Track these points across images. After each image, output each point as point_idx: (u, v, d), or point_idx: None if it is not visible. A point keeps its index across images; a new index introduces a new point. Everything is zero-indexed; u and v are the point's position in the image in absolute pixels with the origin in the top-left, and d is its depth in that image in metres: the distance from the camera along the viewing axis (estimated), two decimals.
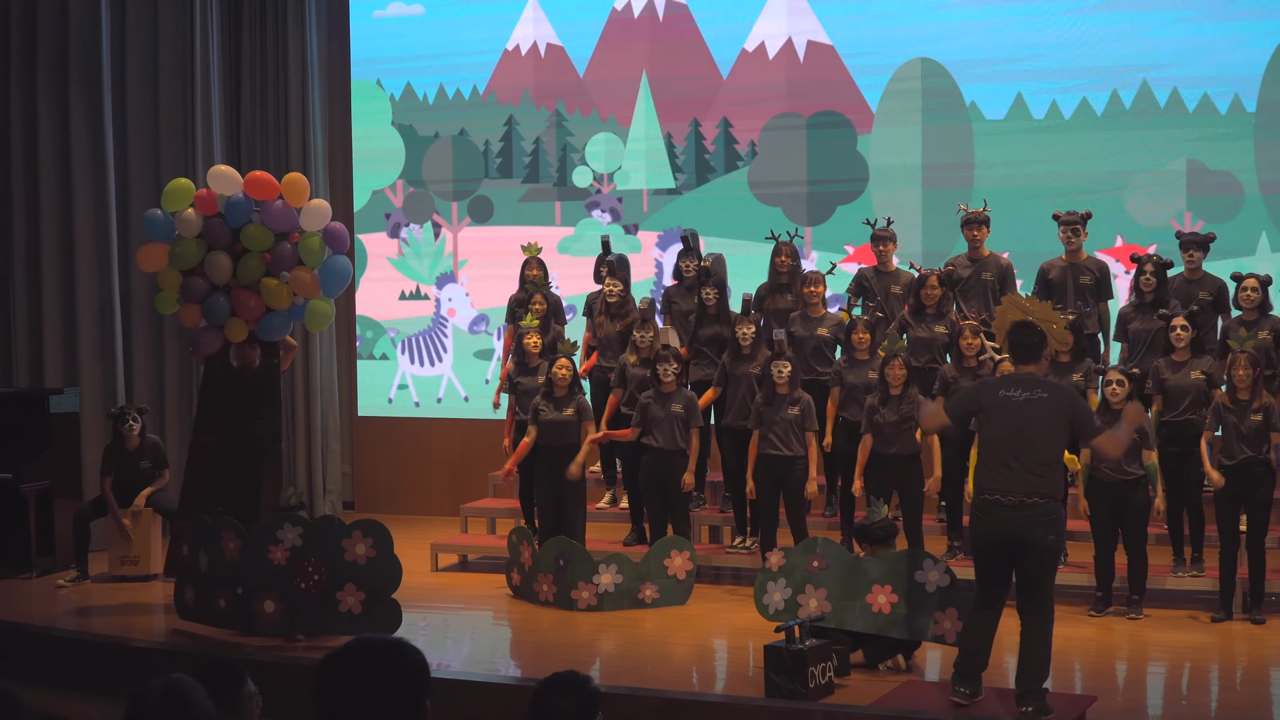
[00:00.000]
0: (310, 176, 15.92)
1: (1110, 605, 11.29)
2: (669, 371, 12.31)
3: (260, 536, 10.70)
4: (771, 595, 10.48)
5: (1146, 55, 14.11)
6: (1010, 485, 8.62)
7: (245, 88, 16.24)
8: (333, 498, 16.33)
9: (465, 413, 16.24)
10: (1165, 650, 10.51)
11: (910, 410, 11.61)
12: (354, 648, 4.37)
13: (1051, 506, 8.60)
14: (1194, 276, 12.38)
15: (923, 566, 9.95)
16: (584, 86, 15.85)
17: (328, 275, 12.06)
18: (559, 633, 11.27)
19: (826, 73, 15.10)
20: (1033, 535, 8.57)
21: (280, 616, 10.67)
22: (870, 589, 10.03)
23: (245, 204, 11.94)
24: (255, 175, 12.06)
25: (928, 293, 12.59)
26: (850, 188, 15.01)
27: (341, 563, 10.59)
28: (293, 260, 11.97)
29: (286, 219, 11.94)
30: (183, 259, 11.98)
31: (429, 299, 16.38)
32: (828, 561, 10.29)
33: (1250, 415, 10.98)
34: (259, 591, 10.68)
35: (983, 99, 14.64)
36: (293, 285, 11.97)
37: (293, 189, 11.99)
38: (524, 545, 12.21)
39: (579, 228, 15.81)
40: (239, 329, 12.05)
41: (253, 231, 11.91)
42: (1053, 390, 8.77)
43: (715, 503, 13.46)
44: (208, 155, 15.22)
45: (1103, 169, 14.24)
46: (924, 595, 9.88)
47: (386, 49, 16.50)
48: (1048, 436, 8.67)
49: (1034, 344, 8.84)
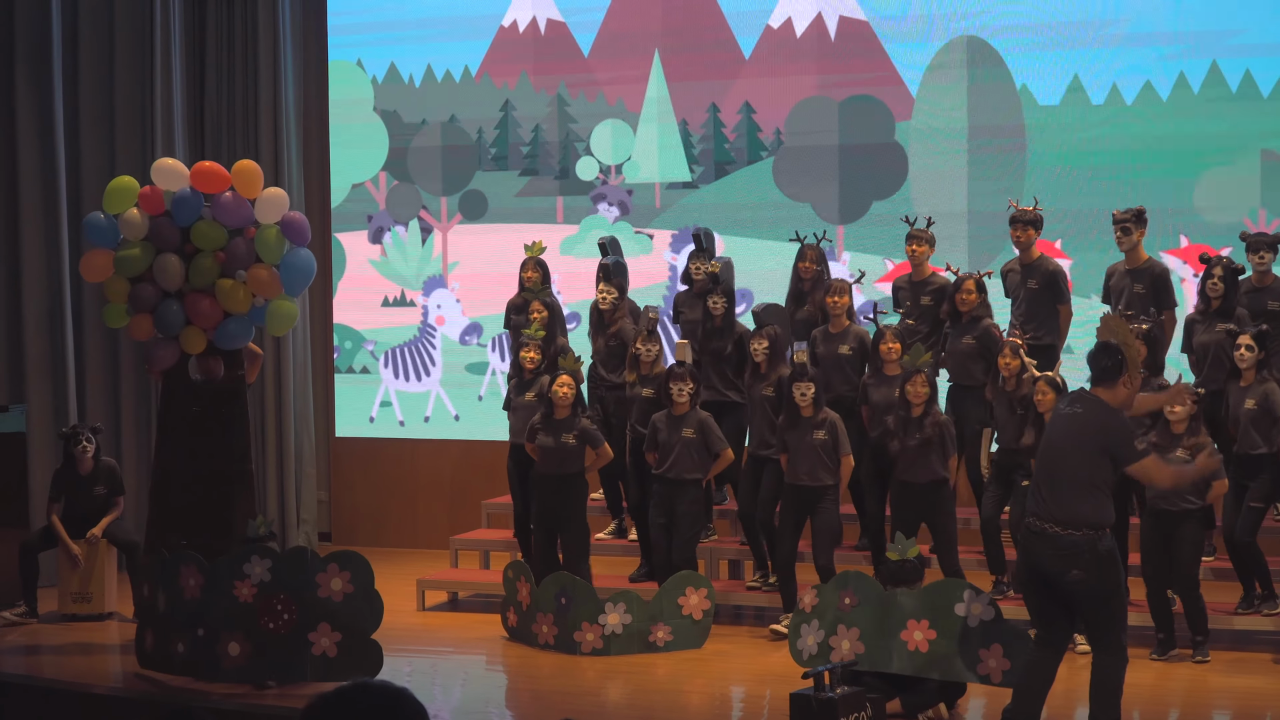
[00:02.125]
0: (282, 167, 16.13)
1: (1174, 648, 11.51)
2: (683, 391, 12.47)
3: (224, 571, 10.80)
4: (805, 639, 10.67)
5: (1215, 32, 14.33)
6: (1038, 508, 8.92)
7: (210, 71, 16.44)
8: (307, 528, 16.45)
9: (456, 433, 16.45)
10: (1230, 697, 10.77)
11: (934, 433, 11.82)
12: (346, 693, 4.39)
13: (1072, 538, 8.78)
14: (1263, 283, 12.45)
15: (963, 598, 10.10)
16: (589, 68, 16.06)
17: (289, 271, 12.15)
18: (560, 679, 11.46)
19: (861, 52, 15.31)
20: (1055, 568, 8.82)
21: (246, 660, 10.78)
22: (905, 625, 10.21)
23: (193, 199, 12.08)
24: (202, 166, 12.24)
25: (963, 298, 12.70)
26: (887, 182, 15.25)
27: (315, 600, 10.71)
28: (249, 257, 12.11)
29: (240, 212, 12.09)
30: (129, 265, 12.15)
31: (415, 306, 16.59)
32: (859, 598, 10.47)
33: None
34: (222, 632, 10.79)
35: (1035, 81, 14.87)
36: (251, 285, 12.10)
37: (244, 178, 12.12)
38: (521, 582, 12.39)
39: (583, 226, 16.02)
40: (196, 339, 12.20)
41: (203, 229, 12.07)
42: (1089, 406, 8.98)
43: (736, 535, 13.65)
44: (168, 147, 15.40)
45: (1167, 160, 14.46)
46: (966, 630, 10.04)
47: (368, 26, 16.70)
48: (1076, 456, 8.88)
49: (1108, 367, 9.00)
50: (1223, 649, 11.62)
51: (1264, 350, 11.71)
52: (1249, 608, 11.90)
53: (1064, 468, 8.87)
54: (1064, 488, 8.84)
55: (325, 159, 16.83)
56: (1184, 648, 11.50)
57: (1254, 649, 11.75)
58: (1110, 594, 8.96)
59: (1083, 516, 8.82)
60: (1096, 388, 9.04)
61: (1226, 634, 11.81)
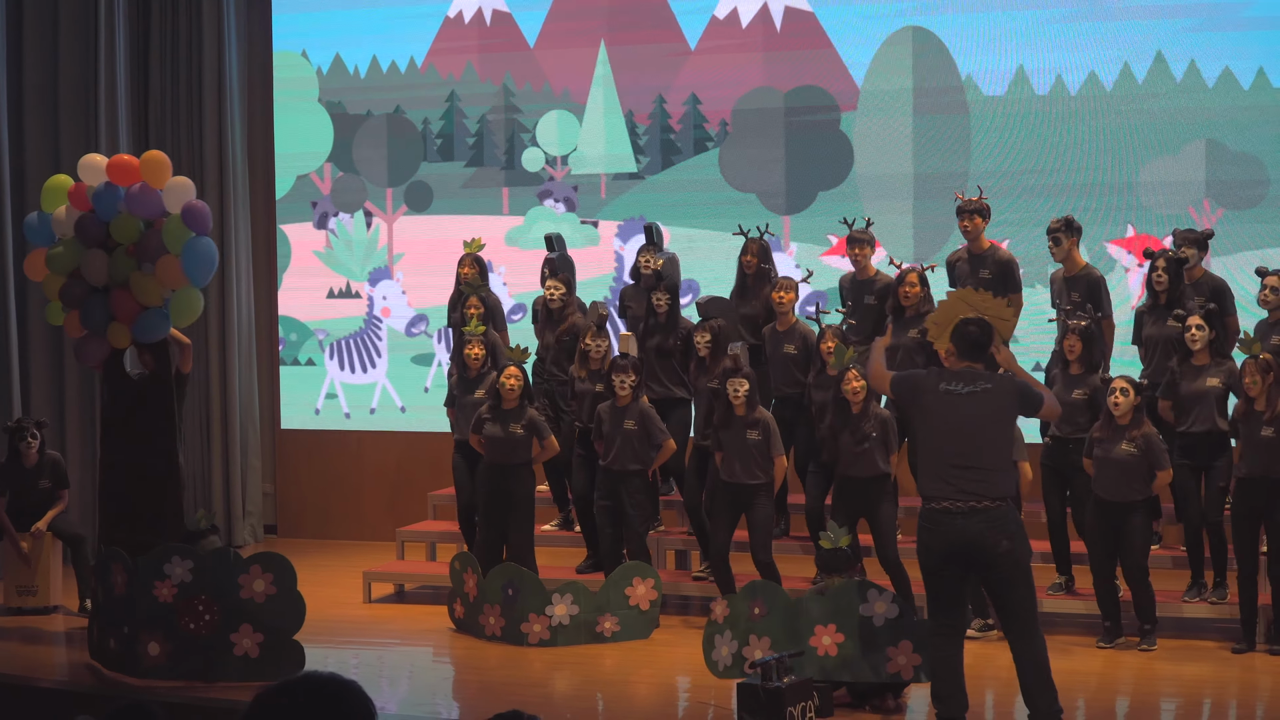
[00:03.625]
0: (227, 160, 16.08)
1: (1120, 636, 11.54)
2: (625, 383, 12.46)
3: (146, 570, 10.80)
4: (720, 650, 10.73)
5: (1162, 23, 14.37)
6: (957, 490, 8.88)
7: (154, 63, 16.33)
8: (252, 521, 16.43)
9: (402, 425, 16.41)
10: (1178, 685, 10.79)
11: (873, 429, 11.81)
12: (294, 686, 4.42)
13: (1003, 510, 8.87)
14: (1191, 279, 12.48)
15: (867, 599, 10.21)
16: (534, 58, 16.02)
17: (191, 260, 12.08)
18: (507, 670, 11.44)
19: (807, 43, 15.31)
20: (985, 542, 8.82)
21: (166, 660, 10.79)
22: (813, 631, 10.28)
23: (110, 192, 12.07)
24: (117, 159, 12.22)
25: (906, 292, 12.64)
26: (833, 172, 15.24)
27: (237, 601, 10.73)
28: (158, 249, 12.09)
29: (151, 203, 12.06)
30: (59, 262, 12.15)
31: (361, 297, 16.54)
32: (767, 607, 10.56)
33: (1263, 428, 11.23)
34: (142, 632, 10.80)
35: (980, 73, 14.89)
36: (158, 276, 12.08)
37: (152, 168, 12.09)
38: (468, 573, 12.36)
39: (529, 217, 15.99)
40: (121, 334, 12.18)
41: (121, 222, 12.07)
42: (995, 380, 9.07)
43: (682, 525, 13.64)
44: (111, 138, 15.34)
45: (1113, 151, 14.49)
46: (872, 630, 10.13)
47: (313, 16, 16.62)
48: (995, 432, 8.97)
49: (979, 339, 9.10)
50: (1169, 636, 11.64)
51: (1214, 330, 11.77)
52: (1196, 595, 11.93)
53: (985, 444, 8.93)
54: (988, 464, 8.90)
55: (270, 150, 16.76)
56: (1130, 635, 11.52)
57: (1200, 636, 11.77)
58: (1028, 566, 9.05)
59: (1005, 488, 8.96)
60: (971, 362, 9.10)
61: (1173, 621, 11.83)
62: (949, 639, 9.14)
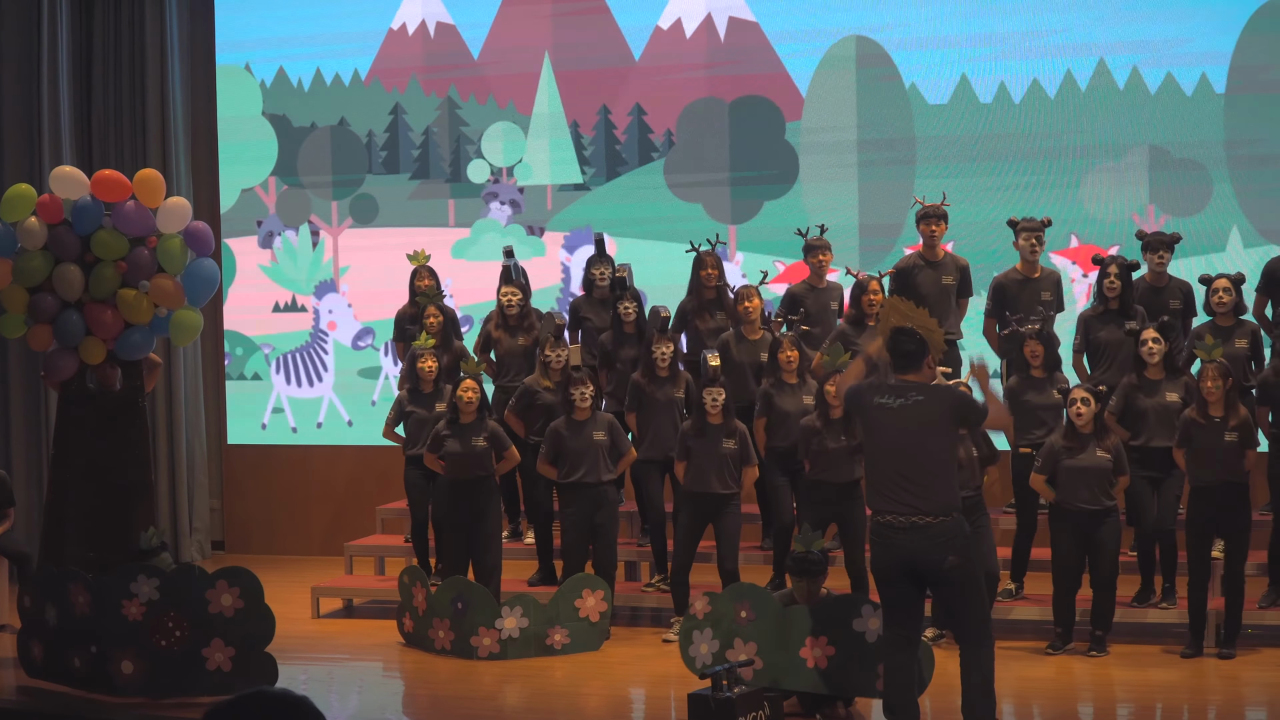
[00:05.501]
0: (171, 173, 15.95)
1: (1070, 642, 11.53)
2: (585, 396, 12.37)
3: (111, 590, 10.74)
4: (699, 647, 10.60)
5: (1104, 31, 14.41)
6: (898, 505, 8.82)
7: (98, 77, 16.23)
8: (199, 537, 16.33)
9: (349, 439, 16.32)
10: (1131, 690, 10.80)
11: (853, 435, 11.72)
12: (243, 702, 4.40)
13: (946, 525, 8.77)
14: (1160, 283, 12.57)
15: (861, 613, 10.11)
16: (479, 70, 15.96)
17: (192, 281, 12.10)
18: (457, 684, 11.38)
19: (750, 52, 15.30)
20: (930, 559, 8.77)
21: (141, 677, 10.73)
22: (804, 642, 10.19)
23: (94, 207, 11.98)
24: (103, 174, 12.15)
25: (869, 299, 12.63)
26: (779, 181, 15.23)
27: (205, 616, 10.67)
28: (151, 267, 12.01)
29: (142, 221, 12.00)
30: (28, 274, 12.03)
31: (306, 311, 16.45)
32: (756, 612, 10.44)
33: (1225, 434, 11.22)
34: (115, 651, 10.73)
35: (924, 80, 14.89)
36: (153, 295, 12.02)
37: (146, 187, 12.05)
38: (417, 587, 12.29)
39: (475, 229, 15.93)
40: (95, 349, 12.09)
41: (104, 238, 11.97)
42: (929, 391, 8.97)
43: (633, 536, 13.60)
44: (55, 152, 15.24)
45: (1056, 158, 14.51)
46: (864, 646, 10.04)
47: (256, 28, 16.53)
48: (932, 444, 8.87)
49: (912, 351, 9.00)
50: (1119, 642, 11.64)
51: (1169, 343, 11.76)
52: (1145, 601, 11.94)
53: (921, 457, 8.84)
54: (925, 477, 8.80)
55: (214, 164, 16.66)
56: (1080, 641, 11.52)
57: (1149, 641, 11.77)
58: (977, 575, 9.00)
59: (949, 502, 8.83)
60: (905, 374, 9.02)
61: (1122, 627, 11.84)
62: (901, 649, 9.09)
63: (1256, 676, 11.03)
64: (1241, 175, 14.16)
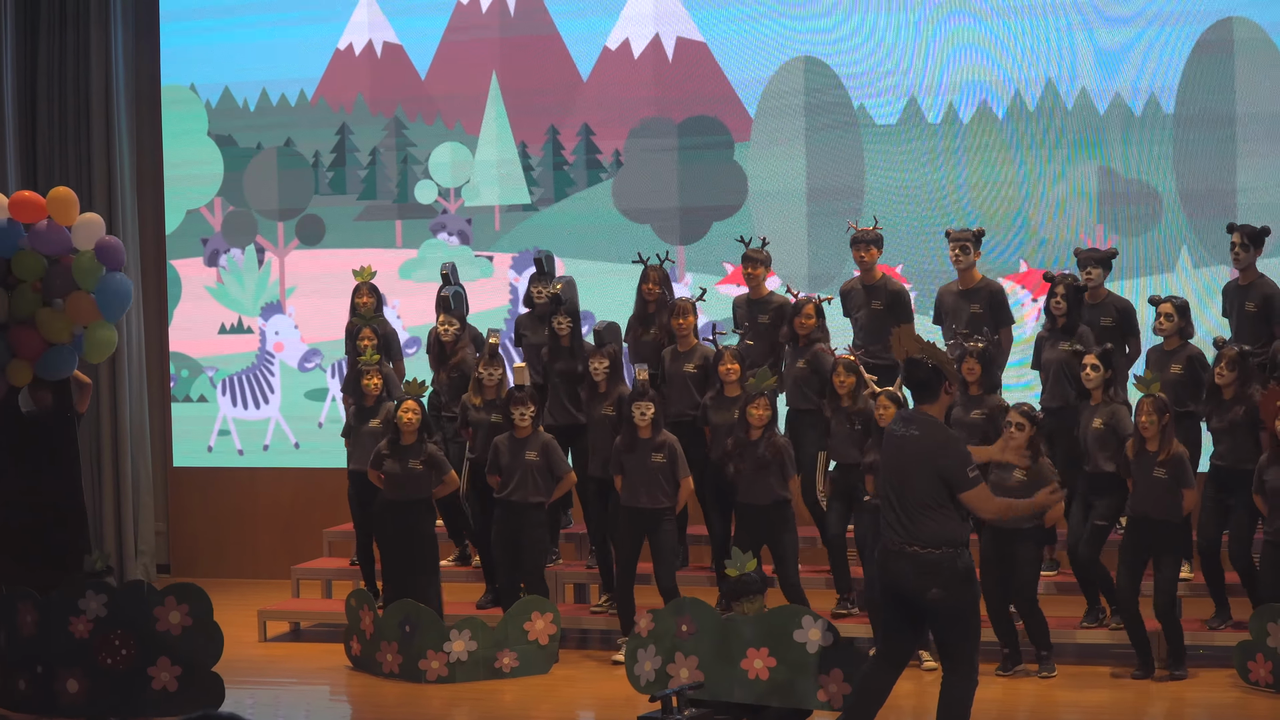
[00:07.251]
0: (116, 195, 15.93)
1: (1019, 663, 11.54)
2: (525, 415, 12.36)
3: (59, 607, 10.68)
4: (642, 664, 10.62)
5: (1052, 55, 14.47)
6: (894, 530, 8.86)
7: (42, 98, 16.17)
8: (145, 560, 16.22)
9: (296, 461, 16.26)
10: (1077, 711, 10.83)
11: (772, 454, 11.78)
12: None
13: (936, 557, 8.73)
14: (1095, 299, 12.54)
15: (801, 624, 10.14)
16: (426, 90, 15.94)
17: (105, 296, 12.03)
18: (406, 708, 11.36)
19: (699, 74, 15.32)
20: (914, 588, 8.77)
21: (84, 697, 10.66)
22: (745, 653, 10.20)
23: (11, 229, 11.98)
24: (19, 196, 12.20)
25: (802, 322, 12.65)
26: (727, 202, 15.23)
27: (153, 634, 10.62)
28: (67, 285, 11.98)
29: (58, 240, 11.99)
30: None
31: (253, 332, 16.38)
32: (697, 625, 10.46)
33: (1155, 468, 11.21)
34: (60, 670, 10.67)
35: (872, 101, 14.93)
36: (69, 312, 11.99)
37: (59, 205, 12.04)
38: (364, 610, 12.26)
39: (423, 250, 15.90)
40: (21, 371, 12.06)
41: (23, 259, 11.98)
42: (925, 429, 8.93)
43: (581, 558, 13.58)
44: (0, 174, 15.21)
45: (1005, 179, 14.56)
46: (805, 657, 10.06)
47: (201, 49, 16.46)
48: (918, 479, 8.83)
49: (925, 380, 8.97)
50: (1067, 663, 11.67)
51: (1110, 369, 11.74)
52: (1094, 622, 11.95)
53: (909, 490, 8.84)
54: (913, 509, 8.80)
55: (159, 185, 16.58)
56: (1029, 662, 11.53)
57: (1098, 662, 11.79)
58: (967, 612, 8.93)
59: (939, 535, 8.78)
60: (922, 405, 9.02)
61: (1071, 648, 11.89)
62: (882, 670, 9.09)
63: (1201, 697, 11.06)
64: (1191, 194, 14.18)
